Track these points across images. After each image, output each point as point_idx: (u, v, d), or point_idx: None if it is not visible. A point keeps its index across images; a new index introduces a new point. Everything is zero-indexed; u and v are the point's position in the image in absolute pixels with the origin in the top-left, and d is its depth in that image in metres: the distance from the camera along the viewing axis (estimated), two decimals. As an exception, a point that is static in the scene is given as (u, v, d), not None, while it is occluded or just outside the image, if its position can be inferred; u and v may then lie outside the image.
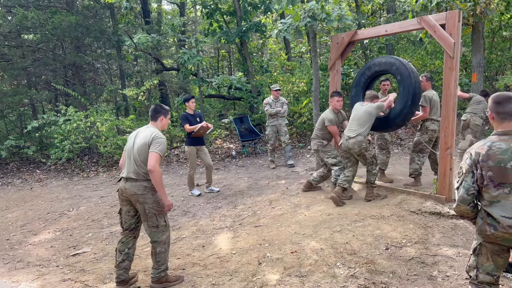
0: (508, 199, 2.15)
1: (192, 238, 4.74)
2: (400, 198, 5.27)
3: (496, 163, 2.15)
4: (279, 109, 8.21)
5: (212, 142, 11.55)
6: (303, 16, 6.69)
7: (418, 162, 5.85)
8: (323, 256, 3.74)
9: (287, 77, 11.95)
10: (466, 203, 2.27)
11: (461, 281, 3.16)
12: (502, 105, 2.22)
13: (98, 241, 4.97)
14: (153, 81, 10.88)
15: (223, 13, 12.26)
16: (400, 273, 3.36)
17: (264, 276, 3.51)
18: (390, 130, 5.98)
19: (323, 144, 6.02)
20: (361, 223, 4.46)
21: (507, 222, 2.14)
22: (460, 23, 4.81)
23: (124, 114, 13.37)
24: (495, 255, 2.26)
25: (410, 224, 4.34)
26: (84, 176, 9.34)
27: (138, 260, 4.18)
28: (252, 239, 4.43)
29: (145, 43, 10.10)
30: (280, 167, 8.50)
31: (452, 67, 4.88)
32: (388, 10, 14.03)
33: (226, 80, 10.92)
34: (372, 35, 6.21)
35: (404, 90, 5.33)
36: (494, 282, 2.30)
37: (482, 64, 8.92)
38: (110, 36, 12.24)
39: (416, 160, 5.87)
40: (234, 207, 5.87)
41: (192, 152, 6.62)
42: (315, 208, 5.28)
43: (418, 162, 5.85)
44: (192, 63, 9.95)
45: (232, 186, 7.23)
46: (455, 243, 3.88)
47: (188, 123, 6.53)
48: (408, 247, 3.82)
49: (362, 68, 6.17)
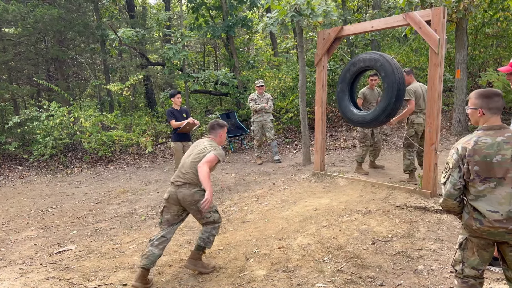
0: (493, 193, 2.18)
1: (179, 234, 4.71)
2: (386, 193, 5.32)
3: (482, 158, 2.17)
4: (264, 105, 8.20)
5: (198, 138, 11.47)
6: (288, 10, 6.69)
7: (409, 157, 5.88)
8: (310, 251, 3.75)
9: (273, 72, 11.94)
10: (453, 197, 2.29)
11: (446, 274, 3.21)
12: (493, 100, 2.24)
13: (83, 238, 4.90)
14: (138, 76, 10.75)
15: (209, 7, 12.16)
16: (386, 267, 3.40)
17: (252, 271, 3.50)
18: (373, 126, 6.00)
19: None
20: (347, 218, 4.49)
21: (493, 216, 2.17)
22: (445, 20, 4.85)
23: (108, 109, 13.18)
24: (481, 249, 2.29)
25: (396, 219, 4.39)
26: (68, 173, 9.19)
27: (124, 257, 4.14)
28: (239, 235, 4.42)
29: (130, 38, 9.94)
30: (267, 162, 8.50)
31: (437, 63, 4.93)
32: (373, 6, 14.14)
33: (212, 76, 10.85)
34: (358, 31, 6.21)
35: (388, 87, 5.34)
36: (479, 275, 2.33)
37: (466, 60, 9.05)
38: (93, 30, 12.03)
39: (406, 155, 5.91)
40: (221, 203, 5.84)
41: (178, 148, 6.56)
42: (302, 203, 5.29)
43: (408, 157, 5.89)
44: (178, 58, 9.84)
45: (219, 182, 7.20)
46: (440, 237, 3.94)
47: (174, 119, 6.47)
48: (394, 242, 3.86)
49: (347, 64, 6.20)
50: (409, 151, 5.89)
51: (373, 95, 6.65)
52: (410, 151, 5.89)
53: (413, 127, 5.81)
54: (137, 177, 8.31)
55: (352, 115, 5.89)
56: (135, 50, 12.22)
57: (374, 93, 6.67)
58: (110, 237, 4.89)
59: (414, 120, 5.81)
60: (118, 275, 3.70)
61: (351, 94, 6.07)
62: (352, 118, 5.93)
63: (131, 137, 10.16)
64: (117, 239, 4.79)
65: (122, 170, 9.18)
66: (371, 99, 6.62)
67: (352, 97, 6.07)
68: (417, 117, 5.79)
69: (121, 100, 13.35)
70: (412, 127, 5.82)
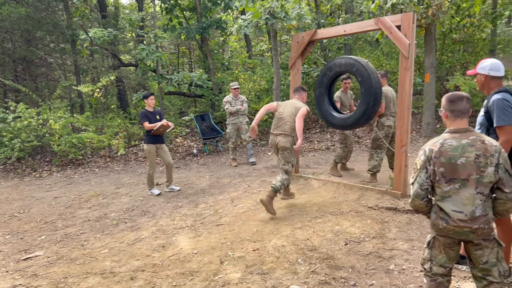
0: (458, 194, 2.25)
1: (152, 238, 4.64)
2: (358, 194, 5.42)
3: (447, 160, 2.25)
4: (239, 107, 8.20)
5: (172, 140, 11.35)
6: (263, 13, 6.73)
7: (377, 158, 6.02)
8: (285, 253, 3.77)
9: (248, 75, 11.96)
10: (420, 197, 2.36)
11: (416, 273, 3.29)
12: (455, 103, 2.32)
13: (52, 244, 4.75)
14: (110, 77, 10.54)
15: (183, 8, 12.06)
16: (359, 267, 3.46)
17: (226, 275, 3.49)
18: (354, 129, 6.16)
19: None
20: (321, 219, 4.54)
21: (457, 216, 2.25)
22: (414, 25, 5.00)
23: (79, 111, 12.87)
24: (447, 248, 2.37)
25: (368, 220, 4.47)
26: (37, 176, 8.90)
27: (95, 262, 4.04)
28: (213, 238, 4.40)
29: (102, 38, 9.74)
30: (242, 165, 8.49)
31: (407, 67, 5.07)
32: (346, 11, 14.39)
33: (187, 77, 10.75)
34: (331, 34, 6.31)
35: (366, 92, 5.47)
36: (447, 273, 2.41)
37: (434, 64, 9.34)
38: (63, 30, 11.72)
39: (374, 156, 6.04)
40: (195, 206, 5.80)
41: (151, 151, 6.48)
42: (276, 205, 5.32)
43: (376, 158, 6.02)
44: (151, 59, 9.72)
45: (193, 184, 7.14)
46: (410, 237, 4.04)
47: (148, 121, 6.38)
48: (366, 242, 3.94)
49: (323, 68, 6.29)
50: (377, 152, 6.03)
51: (347, 98, 6.77)
52: (378, 153, 6.02)
53: (383, 129, 5.95)
54: (109, 180, 8.14)
55: (333, 118, 5.98)
56: (107, 51, 11.98)
57: (347, 96, 6.80)
58: (81, 242, 4.77)
59: (384, 123, 5.95)
60: (89, 281, 3.61)
61: (330, 98, 6.18)
62: (333, 122, 6.04)
63: (103, 139, 9.95)
64: (88, 244, 4.67)
65: (93, 173, 8.98)
66: (346, 102, 6.75)
67: (331, 101, 6.17)
68: (387, 119, 5.93)
69: (92, 101, 13.05)
70: (382, 129, 5.96)
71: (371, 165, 6.05)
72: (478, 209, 2.22)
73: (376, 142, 6.02)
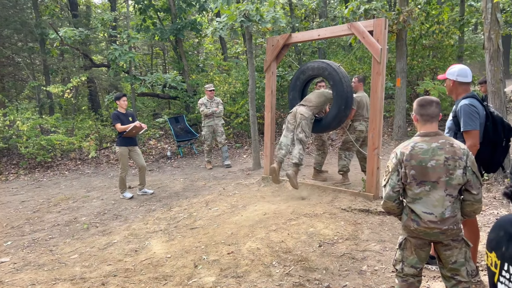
0: (428, 196, 2.31)
1: (124, 243, 4.54)
2: (332, 196, 5.49)
3: (418, 162, 2.30)
4: (215, 109, 8.17)
5: (145, 142, 11.18)
6: (238, 16, 6.73)
7: (345, 158, 6.20)
8: (259, 255, 3.77)
9: (223, 77, 11.92)
10: (392, 199, 2.41)
11: (388, 274, 3.36)
12: (425, 107, 2.39)
13: (19, 250, 4.58)
14: (81, 77, 10.29)
15: (157, 9, 11.91)
16: (333, 269, 3.49)
17: (200, 278, 3.45)
18: (326, 131, 6.31)
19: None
20: (295, 221, 4.57)
21: (428, 218, 2.31)
22: (386, 31, 5.11)
23: (48, 112, 12.48)
24: (418, 249, 2.42)
25: (341, 221, 4.53)
26: (2, 179, 8.57)
27: (64, 268, 3.92)
28: (188, 241, 4.34)
29: (72, 37, 9.49)
30: (217, 167, 8.45)
31: (379, 71, 5.17)
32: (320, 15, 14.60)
33: (160, 78, 10.61)
34: (306, 38, 6.38)
35: (337, 95, 5.61)
36: (418, 274, 2.46)
37: (405, 69, 9.58)
38: (32, 29, 11.37)
39: (343, 156, 6.21)
40: (169, 210, 5.72)
41: (123, 153, 6.35)
42: (251, 208, 5.31)
43: (345, 158, 6.20)
44: (124, 60, 9.55)
45: (167, 187, 7.05)
46: (382, 238, 4.12)
47: (120, 123, 6.26)
48: (340, 244, 3.98)
49: (296, 72, 6.37)
50: (346, 154, 6.19)
51: None
52: (347, 154, 6.20)
53: (355, 133, 6.09)
54: (79, 184, 7.93)
55: None
56: (78, 51, 11.67)
57: None
58: (49, 247, 4.62)
59: (356, 127, 6.09)
60: (58, 288, 3.50)
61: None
62: None
63: (73, 141, 9.69)
64: (56, 250, 4.53)
65: (63, 176, 8.72)
66: None
67: None
68: (360, 124, 6.08)
69: (62, 102, 12.69)
70: (354, 133, 6.10)
71: (341, 165, 6.22)
72: (448, 211, 2.29)
73: (346, 144, 6.18)
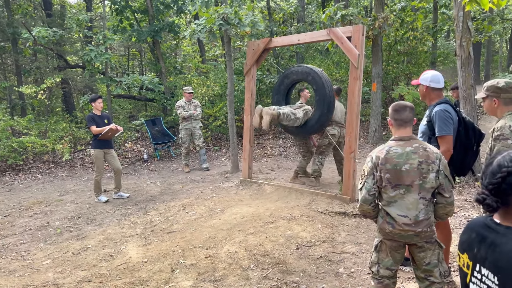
0: (403, 199, 2.37)
1: (99, 247, 4.45)
2: (309, 199, 5.53)
3: (392, 166, 2.35)
4: (193, 112, 8.12)
5: (121, 145, 10.99)
6: (216, 19, 6.73)
7: (318, 163, 6.32)
8: (237, 259, 3.76)
9: (202, 80, 11.87)
10: (368, 202, 2.45)
11: (364, 276, 3.41)
12: (399, 112, 2.44)
13: (-13, 256, 4.42)
14: (55, 78, 10.04)
15: (134, 10, 11.77)
16: (310, 271, 3.52)
17: (177, 283, 3.42)
18: (309, 134, 6.47)
19: None
20: (273, 224, 4.58)
21: (403, 220, 2.36)
22: (364, 37, 5.21)
23: (20, 113, 12.12)
24: (393, 251, 2.47)
25: (319, 224, 4.57)
26: (-30, 183, 8.25)
27: (36, 274, 3.81)
28: (164, 245, 4.29)
29: (46, 38, 9.25)
30: (194, 170, 8.39)
31: (357, 76, 5.26)
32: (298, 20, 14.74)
33: (137, 80, 10.46)
34: (285, 43, 6.45)
35: (320, 100, 5.77)
36: (393, 275, 2.51)
37: (381, 74, 9.79)
38: (4, 28, 11.04)
39: (316, 161, 6.32)
40: (145, 213, 5.64)
41: (98, 156, 6.23)
42: (230, 211, 5.30)
43: (317, 163, 6.32)
44: (100, 61, 9.37)
45: (144, 191, 6.95)
46: (358, 240, 4.18)
47: (95, 125, 6.14)
48: (317, 246, 4.02)
49: (280, 76, 6.47)
50: (319, 158, 6.34)
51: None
52: (320, 158, 6.34)
53: (327, 138, 6.20)
54: (52, 187, 7.72)
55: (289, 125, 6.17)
56: (52, 51, 11.39)
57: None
58: (21, 253, 4.48)
59: (329, 131, 6.20)
60: (29, 295, 3.40)
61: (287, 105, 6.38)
62: (289, 129, 6.33)
63: (46, 143, 9.43)
64: (28, 255, 4.39)
65: (35, 180, 8.48)
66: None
67: None
68: (332, 128, 6.21)
69: (35, 103, 12.36)
70: (326, 137, 6.21)
71: (313, 170, 6.40)
72: (421, 213, 2.35)
73: (320, 148, 6.31)
